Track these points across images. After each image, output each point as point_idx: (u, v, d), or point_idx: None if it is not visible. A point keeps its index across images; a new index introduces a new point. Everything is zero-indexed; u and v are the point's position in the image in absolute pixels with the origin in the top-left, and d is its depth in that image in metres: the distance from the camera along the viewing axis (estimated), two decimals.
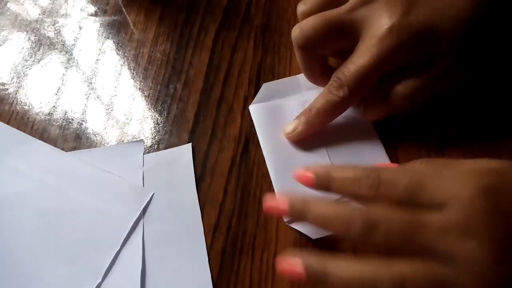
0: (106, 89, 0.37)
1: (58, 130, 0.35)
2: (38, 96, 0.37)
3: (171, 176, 0.32)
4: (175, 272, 0.29)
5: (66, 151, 0.34)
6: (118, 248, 0.30)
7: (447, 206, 0.23)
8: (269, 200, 0.27)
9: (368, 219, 0.24)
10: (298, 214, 0.26)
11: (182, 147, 0.33)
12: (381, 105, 0.32)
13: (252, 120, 0.34)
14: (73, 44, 0.39)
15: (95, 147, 0.34)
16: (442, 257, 0.23)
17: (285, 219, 0.30)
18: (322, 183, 0.27)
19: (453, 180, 0.24)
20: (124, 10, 0.40)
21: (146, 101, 0.36)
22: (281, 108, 0.34)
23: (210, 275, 0.29)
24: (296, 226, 0.30)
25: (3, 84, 0.37)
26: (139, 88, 0.36)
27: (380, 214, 0.24)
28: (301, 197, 0.26)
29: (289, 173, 0.31)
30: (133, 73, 0.37)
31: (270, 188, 0.31)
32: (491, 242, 0.22)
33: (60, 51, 0.39)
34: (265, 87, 0.35)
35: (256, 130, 0.34)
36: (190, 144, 0.33)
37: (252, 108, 0.34)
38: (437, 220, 0.23)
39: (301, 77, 0.35)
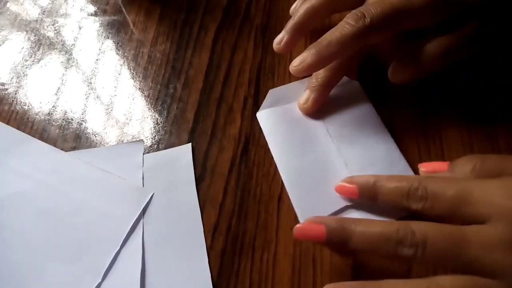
0: (106, 89, 0.37)
1: (57, 130, 0.35)
2: (37, 96, 0.37)
3: (171, 176, 0.32)
4: (175, 272, 0.29)
5: (66, 151, 0.34)
6: (118, 248, 0.30)
7: (492, 220, 0.23)
8: (302, 226, 0.26)
9: (416, 238, 0.23)
10: (340, 238, 0.25)
11: (182, 147, 0.33)
12: (410, 65, 0.31)
13: (252, 120, 0.34)
14: (72, 44, 0.39)
15: (94, 147, 0.34)
16: (487, 272, 0.22)
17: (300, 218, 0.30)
18: (369, 193, 0.28)
19: (499, 192, 0.23)
20: (123, 10, 0.40)
21: (146, 101, 0.36)
22: (289, 112, 0.34)
23: (210, 275, 0.29)
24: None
25: (2, 84, 0.37)
26: (139, 88, 0.36)
27: (427, 231, 0.23)
28: (337, 218, 0.26)
29: (303, 178, 0.31)
30: (133, 73, 0.37)
31: (271, 189, 0.31)
32: None
33: (60, 51, 0.39)
34: (272, 93, 0.35)
35: (266, 137, 0.33)
36: (190, 144, 0.33)
37: (260, 114, 0.34)
38: (482, 236, 0.23)
39: (308, 81, 0.35)
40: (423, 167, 0.29)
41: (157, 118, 0.35)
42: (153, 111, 0.35)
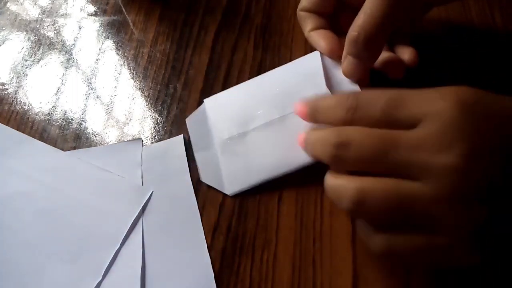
0: (106, 89, 0.37)
1: (57, 130, 0.35)
2: (37, 96, 0.37)
3: (165, 168, 0.33)
4: (175, 269, 0.29)
5: (66, 151, 0.34)
6: (118, 246, 0.30)
7: (423, 121, 0.23)
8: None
9: (339, 138, 0.24)
10: (303, 145, 0.28)
11: (174, 139, 0.34)
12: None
13: None
14: (72, 44, 0.39)
15: (94, 147, 0.34)
16: (413, 173, 0.22)
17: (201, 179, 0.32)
18: (312, 116, 0.28)
19: (431, 96, 0.23)
20: (123, 10, 0.40)
21: (146, 101, 0.36)
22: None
23: (212, 270, 0.29)
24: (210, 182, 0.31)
25: (2, 84, 0.37)
26: (139, 88, 0.36)
27: (353, 132, 0.24)
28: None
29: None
30: (133, 73, 0.37)
31: (271, 189, 0.31)
32: (464, 154, 0.21)
33: (60, 51, 0.39)
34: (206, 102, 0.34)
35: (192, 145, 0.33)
36: (182, 135, 0.34)
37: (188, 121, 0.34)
38: (412, 137, 0.23)
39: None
40: None
41: (157, 118, 0.35)
42: (153, 111, 0.35)
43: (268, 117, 0.32)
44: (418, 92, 0.24)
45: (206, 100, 0.34)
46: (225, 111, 0.33)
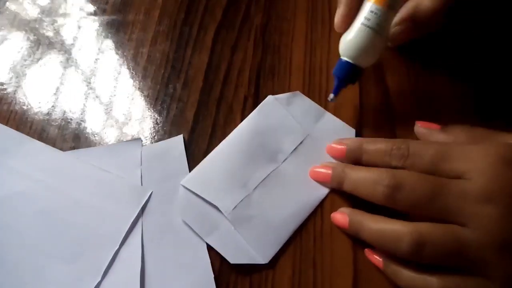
0: (105, 89, 0.37)
1: (57, 130, 0.35)
2: (37, 96, 0.37)
3: (165, 168, 0.32)
4: (175, 270, 0.29)
5: (65, 151, 0.34)
6: (117, 246, 0.30)
7: (469, 175, 0.25)
8: (314, 169, 0.31)
9: (394, 179, 0.26)
10: (338, 180, 0.29)
11: (174, 139, 0.34)
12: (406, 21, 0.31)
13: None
14: (72, 44, 0.39)
15: (93, 147, 0.34)
16: (461, 220, 0.24)
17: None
18: (354, 154, 0.30)
19: (477, 151, 0.25)
20: (123, 9, 0.40)
21: (146, 101, 0.36)
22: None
23: (211, 270, 0.29)
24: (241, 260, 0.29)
25: (1, 84, 0.37)
26: (138, 88, 0.36)
27: (405, 176, 0.26)
28: (342, 164, 0.30)
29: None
30: (132, 73, 0.37)
31: None
32: (507, 207, 0.23)
33: (59, 51, 0.39)
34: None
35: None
36: (182, 135, 0.34)
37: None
38: (459, 186, 0.25)
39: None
40: (419, 123, 0.31)
41: (157, 118, 0.35)
42: (152, 111, 0.35)
43: (264, 173, 0.31)
44: (462, 147, 0.26)
45: (184, 184, 0.31)
46: (215, 183, 0.31)
